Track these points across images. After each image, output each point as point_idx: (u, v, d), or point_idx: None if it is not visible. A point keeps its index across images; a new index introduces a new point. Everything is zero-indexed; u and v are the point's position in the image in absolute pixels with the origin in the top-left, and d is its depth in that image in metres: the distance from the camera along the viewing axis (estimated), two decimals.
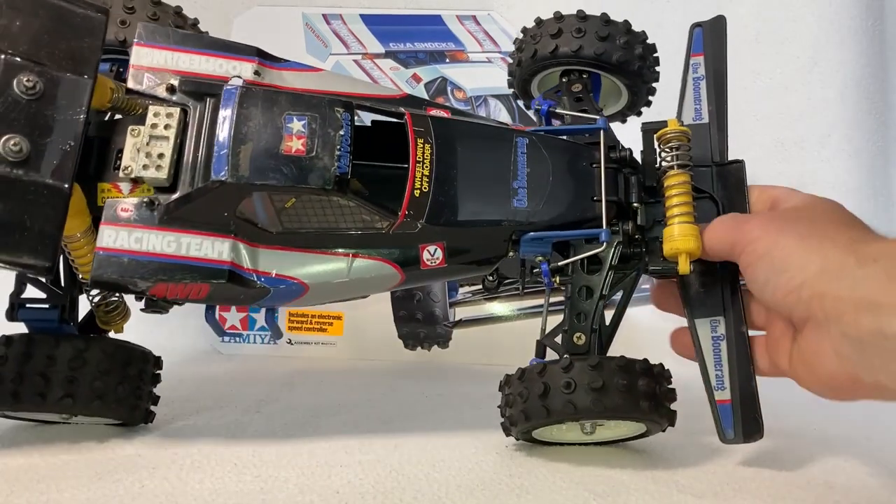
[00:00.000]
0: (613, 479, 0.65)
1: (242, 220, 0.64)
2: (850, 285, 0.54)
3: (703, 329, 0.66)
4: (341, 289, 0.68)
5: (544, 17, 0.79)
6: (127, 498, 0.61)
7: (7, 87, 0.56)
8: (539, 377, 0.64)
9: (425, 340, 0.96)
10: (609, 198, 0.68)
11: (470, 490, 0.63)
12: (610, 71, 0.78)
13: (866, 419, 0.84)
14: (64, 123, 0.58)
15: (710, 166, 0.70)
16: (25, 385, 0.66)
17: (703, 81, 0.73)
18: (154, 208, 0.64)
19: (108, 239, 0.62)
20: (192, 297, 0.65)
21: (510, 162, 0.69)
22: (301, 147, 0.63)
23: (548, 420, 0.64)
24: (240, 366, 1.01)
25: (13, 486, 0.62)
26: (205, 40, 0.70)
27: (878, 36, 1.14)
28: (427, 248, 0.67)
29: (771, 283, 0.59)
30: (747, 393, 0.64)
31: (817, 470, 0.69)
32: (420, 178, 0.67)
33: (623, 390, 0.62)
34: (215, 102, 0.65)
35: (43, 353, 0.67)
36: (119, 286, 0.63)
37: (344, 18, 1.15)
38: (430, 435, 0.76)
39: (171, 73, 0.67)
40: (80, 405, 0.68)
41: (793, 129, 1.13)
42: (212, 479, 0.64)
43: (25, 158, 0.56)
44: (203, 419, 0.77)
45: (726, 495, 0.63)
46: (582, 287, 0.67)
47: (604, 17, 0.77)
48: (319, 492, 0.62)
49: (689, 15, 1.13)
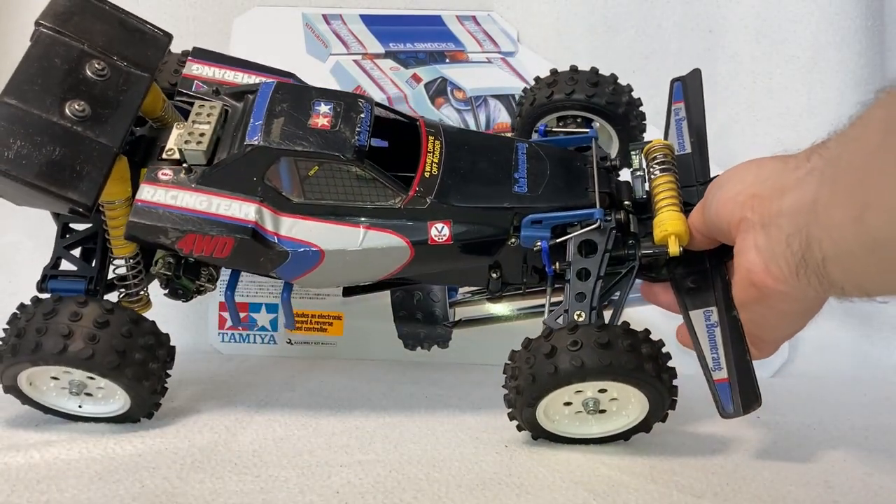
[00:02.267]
0: (613, 479, 0.65)
1: (269, 187, 0.71)
2: (772, 182, 0.58)
3: (697, 319, 0.69)
4: (354, 260, 0.72)
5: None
6: (127, 498, 0.61)
7: (81, 68, 0.70)
8: (545, 340, 0.66)
9: (425, 340, 0.96)
10: (601, 189, 0.74)
11: (470, 490, 0.63)
12: (599, 114, 0.85)
13: (866, 419, 0.84)
14: (122, 103, 0.71)
15: (694, 185, 0.75)
16: (48, 336, 0.68)
17: (685, 122, 0.80)
18: (190, 174, 0.72)
19: (147, 194, 0.71)
20: (217, 254, 0.71)
21: (511, 159, 0.77)
22: (326, 123, 0.71)
23: (555, 380, 0.64)
24: (240, 366, 1.01)
25: (13, 486, 0.62)
26: (249, 63, 0.82)
27: (878, 36, 1.14)
28: (435, 225, 0.72)
29: (715, 199, 0.63)
30: (743, 368, 0.65)
31: (817, 470, 0.69)
32: (430, 163, 0.74)
33: (629, 350, 0.64)
34: (253, 97, 0.74)
35: (69, 309, 0.69)
36: (152, 231, 0.70)
37: (344, 18, 1.15)
38: (430, 435, 0.76)
39: (218, 83, 0.79)
40: (98, 361, 0.68)
41: (793, 129, 1.13)
42: (212, 479, 0.64)
43: (86, 119, 0.68)
44: (203, 419, 0.77)
45: (726, 495, 0.63)
46: (580, 269, 0.70)
47: (593, 70, 0.86)
48: (319, 492, 0.63)
49: (688, 15, 1.14)
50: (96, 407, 0.75)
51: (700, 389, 0.67)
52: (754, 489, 0.64)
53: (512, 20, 1.15)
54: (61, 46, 0.70)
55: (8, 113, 0.66)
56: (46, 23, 0.71)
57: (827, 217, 0.51)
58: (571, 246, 0.71)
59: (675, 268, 0.72)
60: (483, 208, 0.73)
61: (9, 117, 0.66)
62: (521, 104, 0.90)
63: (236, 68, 0.81)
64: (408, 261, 0.73)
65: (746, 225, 0.59)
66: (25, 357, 0.69)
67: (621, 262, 0.72)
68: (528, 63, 1.13)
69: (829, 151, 0.53)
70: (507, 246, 0.73)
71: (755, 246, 0.59)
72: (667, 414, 0.69)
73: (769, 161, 0.60)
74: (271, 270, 0.73)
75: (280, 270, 0.73)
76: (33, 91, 0.68)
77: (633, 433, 0.71)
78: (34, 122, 0.67)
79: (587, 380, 0.65)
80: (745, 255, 0.60)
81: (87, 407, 0.75)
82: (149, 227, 0.70)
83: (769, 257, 0.57)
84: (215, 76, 0.80)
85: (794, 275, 0.55)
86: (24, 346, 0.68)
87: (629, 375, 0.64)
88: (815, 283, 0.53)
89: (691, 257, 0.70)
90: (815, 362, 1.02)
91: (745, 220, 0.60)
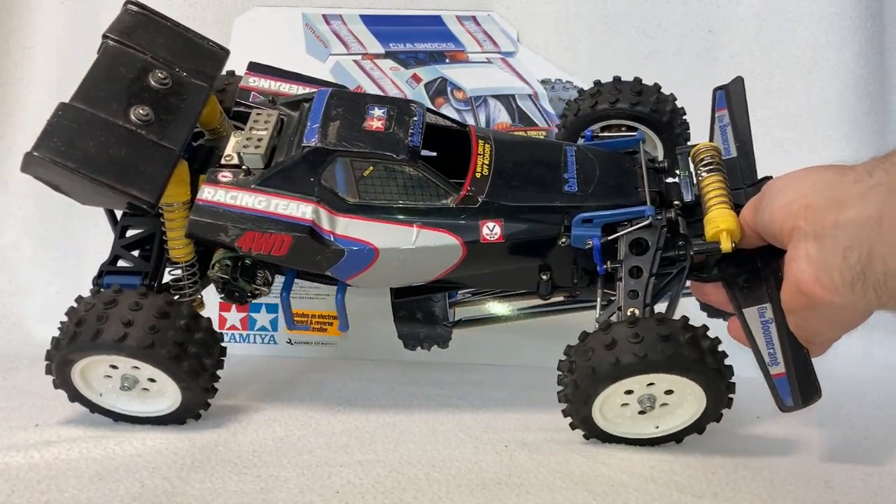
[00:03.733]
0: (613, 479, 0.65)
1: (325, 188, 0.73)
2: (829, 194, 0.58)
3: (752, 316, 0.69)
4: (408, 259, 0.73)
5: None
6: (127, 498, 0.61)
7: (145, 77, 0.74)
8: (604, 333, 0.66)
9: (425, 340, 0.96)
10: (651, 189, 0.74)
11: (470, 490, 0.63)
12: (643, 122, 0.86)
13: (866, 419, 0.84)
14: (183, 110, 0.74)
15: (742, 188, 0.75)
16: (109, 324, 0.69)
17: (729, 128, 0.80)
18: (249, 176, 0.74)
19: (208, 194, 0.73)
20: (275, 252, 0.73)
21: (560, 161, 0.78)
22: (380, 125, 0.73)
23: (616, 371, 0.64)
24: (240, 366, 1.01)
25: (13, 486, 0.62)
26: (303, 76, 0.85)
27: (877, 36, 1.14)
28: (486, 224, 0.74)
29: (770, 204, 0.63)
30: (800, 361, 0.66)
31: (817, 470, 0.69)
32: (481, 164, 0.76)
33: (689, 343, 0.64)
34: (309, 105, 0.77)
35: (131, 299, 0.70)
36: (212, 229, 0.72)
37: (344, 19, 1.15)
38: (430, 435, 0.76)
39: (274, 94, 0.82)
40: (157, 351, 0.69)
41: (793, 129, 1.13)
42: (212, 479, 0.64)
43: (149, 123, 0.72)
44: (203, 419, 0.77)
45: (726, 495, 0.63)
46: (633, 268, 0.71)
47: (637, 80, 0.87)
48: (319, 492, 0.63)
49: (688, 15, 1.14)
50: (145, 405, 0.75)
51: None
52: (754, 489, 0.64)
53: (512, 20, 1.15)
54: (127, 57, 0.74)
55: (77, 116, 0.69)
56: (113, 35, 0.75)
57: (894, 234, 0.52)
58: (623, 244, 0.72)
59: (727, 267, 0.72)
60: (534, 207, 0.74)
61: (77, 119, 0.69)
62: (564, 115, 0.91)
63: (291, 81, 0.84)
64: (460, 260, 0.74)
65: (799, 234, 0.59)
66: (85, 345, 0.69)
67: (672, 263, 0.73)
68: (528, 63, 1.13)
69: None
70: (558, 246, 0.74)
71: (807, 255, 0.59)
72: (721, 414, 0.69)
73: (826, 171, 0.60)
74: (327, 269, 0.74)
75: (336, 269, 0.74)
76: (100, 97, 0.71)
77: (686, 434, 0.71)
78: (101, 124, 0.70)
79: (648, 372, 0.65)
80: (796, 264, 0.60)
81: (136, 405, 0.75)
82: (209, 225, 0.72)
83: (821, 267, 0.58)
84: (271, 87, 0.83)
85: (849, 287, 0.56)
86: (83, 334, 0.69)
87: (690, 368, 0.65)
88: (872, 296, 0.55)
89: (742, 256, 0.70)
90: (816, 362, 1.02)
91: (797, 228, 0.60)
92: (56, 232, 1.13)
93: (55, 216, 1.13)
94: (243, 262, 0.75)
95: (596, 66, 0.87)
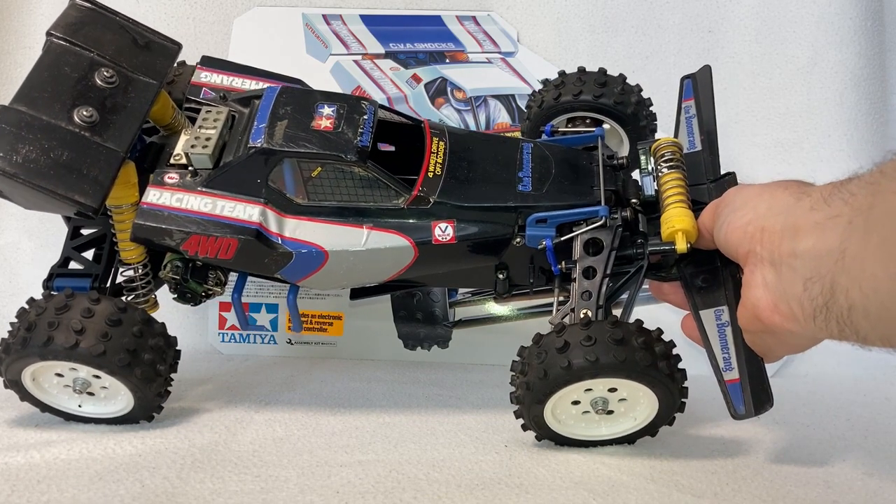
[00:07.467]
0: (613, 479, 0.65)
1: (273, 189, 0.71)
2: (784, 218, 0.57)
3: (708, 318, 0.69)
4: (358, 261, 0.72)
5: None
6: (127, 498, 0.61)
7: (91, 76, 0.72)
8: (557, 336, 0.65)
9: (425, 340, 0.96)
10: (607, 187, 0.73)
11: (470, 490, 0.63)
12: (607, 114, 0.84)
13: (866, 419, 0.84)
14: (130, 110, 0.72)
15: (705, 183, 0.74)
16: (60, 331, 0.68)
17: (695, 119, 0.79)
18: (196, 177, 0.72)
19: (153, 197, 0.72)
20: (221, 256, 0.71)
21: (516, 158, 0.77)
22: (329, 125, 0.72)
23: (568, 375, 0.64)
24: (240, 366, 1.01)
25: (13, 486, 0.62)
26: (257, 70, 0.83)
27: (877, 36, 1.14)
28: (439, 225, 0.72)
29: (726, 222, 0.63)
30: (755, 369, 0.65)
31: (817, 470, 0.69)
32: (433, 163, 0.74)
33: (643, 347, 0.64)
34: (259, 102, 0.75)
35: (82, 305, 0.69)
36: (157, 233, 0.71)
37: (344, 19, 1.15)
38: (430, 435, 0.76)
39: (225, 90, 0.80)
40: (109, 359, 0.68)
41: (793, 129, 1.13)
42: (212, 479, 0.64)
43: (94, 125, 0.69)
44: (203, 419, 0.77)
45: (726, 495, 0.63)
46: (586, 268, 0.70)
47: (601, 71, 0.85)
48: (319, 492, 0.63)
49: (688, 15, 1.14)
50: (97, 407, 0.75)
51: (701, 391, 0.67)
52: (754, 489, 0.64)
53: (512, 20, 1.15)
54: (71, 55, 0.72)
55: (17, 119, 0.67)
56: (57, 33, 0.72)
57: (858, 268, 0.50)
58: (577, 244, 0.71)
59: (685, 266, 0.71)
60: (486, 207, 0.73)
61: (17, 123, 0.67)
62: (529, 107, 0.89)
63: (244, 75, 0.82)
64: (412, 261, 0.73)
65: (755, 258, 0.59)
66: (35, 350, 0.68)
67: (630, 262, 0.72)
68: (528, 63, 1.13)
69: (856, 199, 0.52)
70: (513, 245, 0.73)
71: (763, 282, 0.58)
72: (674, 417, 0.69)
73: (784, 191, 0.59)
74: (276, 272, 0.73)
75: (285, 272, 0.73)
76: (42, 98, 0.69)
77: (639, 436, 0.70)
78: (42, 127, 0.68)
79: (600, 376, 0.64)
80: (752, 290, 0.59)
81: (88, 407, 0.75)
82: (153, 229, 0.71)
83: (779, 296, 0.57)
84: (223, 83, 0.81)
85: (810, 318, 0.55)
86: (34, 340, 0.68)
87: (643, 373, 0.64)
88: (835, 328, 0.53)
89: (701, 256, 0.70)
90: (815, 362, 1.02)
91: (753, 252, 0.59)
92: (56, 233, 1.13)
93: (55, 217, 1.12)
94: (194, 264, 0.74)
95: (596, 66, 0.86)
